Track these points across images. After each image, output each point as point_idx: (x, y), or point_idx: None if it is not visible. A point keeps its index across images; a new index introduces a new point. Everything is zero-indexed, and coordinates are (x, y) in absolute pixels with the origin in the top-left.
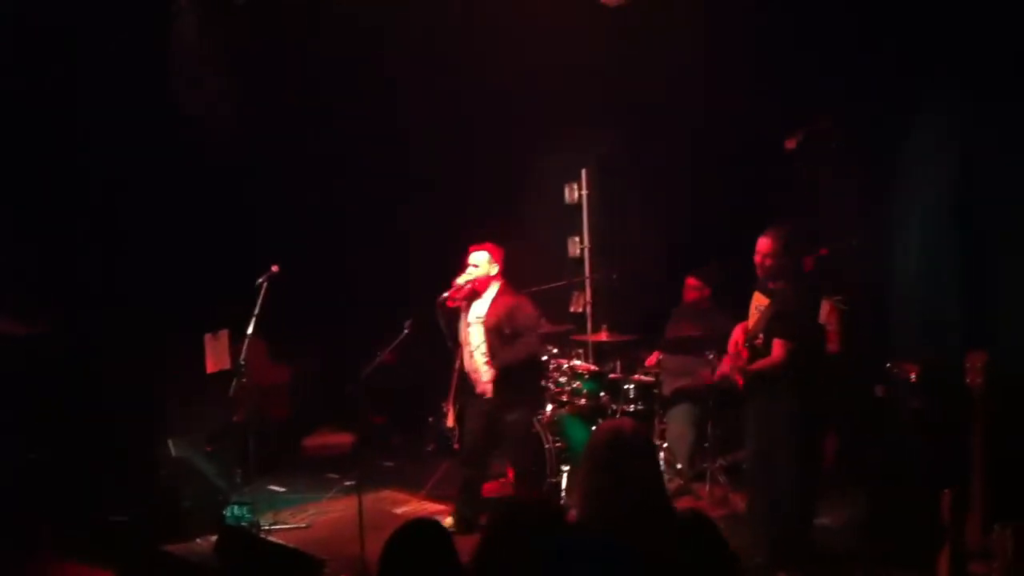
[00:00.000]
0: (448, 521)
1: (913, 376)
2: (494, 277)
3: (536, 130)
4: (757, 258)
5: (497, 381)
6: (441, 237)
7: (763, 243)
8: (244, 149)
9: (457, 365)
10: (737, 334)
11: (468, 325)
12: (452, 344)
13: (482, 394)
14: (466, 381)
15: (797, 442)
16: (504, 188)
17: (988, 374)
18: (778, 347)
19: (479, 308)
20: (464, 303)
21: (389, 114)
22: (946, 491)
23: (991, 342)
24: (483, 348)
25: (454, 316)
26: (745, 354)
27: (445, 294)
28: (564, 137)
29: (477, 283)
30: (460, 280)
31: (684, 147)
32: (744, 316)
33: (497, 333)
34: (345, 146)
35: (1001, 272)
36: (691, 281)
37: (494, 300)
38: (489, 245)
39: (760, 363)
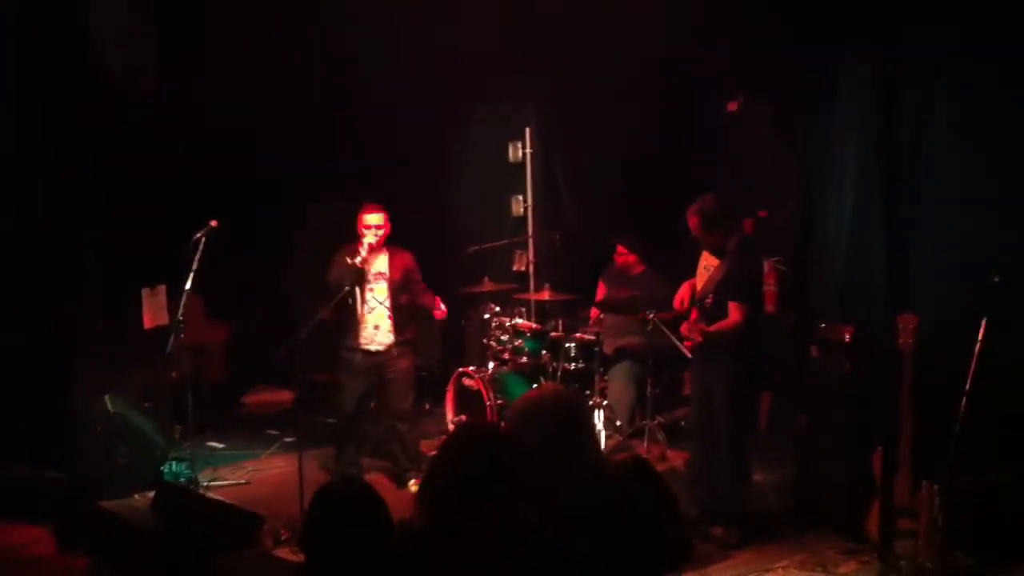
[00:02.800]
0: None
1: (847, 337)
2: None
3: (479, 89)
4: (693, 233)
5: (397, 334)
6: (379, 196)
7: (689, 221)
8: (185, 102)
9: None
10: (684, 292)
11: (367, 282)
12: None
13: (371, 348)
14: (356, 339)
15: (734, 401)
16: (447, 146)
17: (918, 336)
18: (735, 310)
19: (379, 264)
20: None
21: (332, 70)
22: (876, 450)
23: (919, 304)
24: (388, 302)
25: (359, 275)
26: (695, 314)
27: (363, 255)
28: (506, 96)
29: (380, 242)
30: (371, 240)
31: (625, 109)
32: (679, 277)
33: (399, 286)
34: (285, 101)
35: (927, 236)
36: (618, 247)
37: (392, 256)
38: (381, 206)
39: (719, 325)
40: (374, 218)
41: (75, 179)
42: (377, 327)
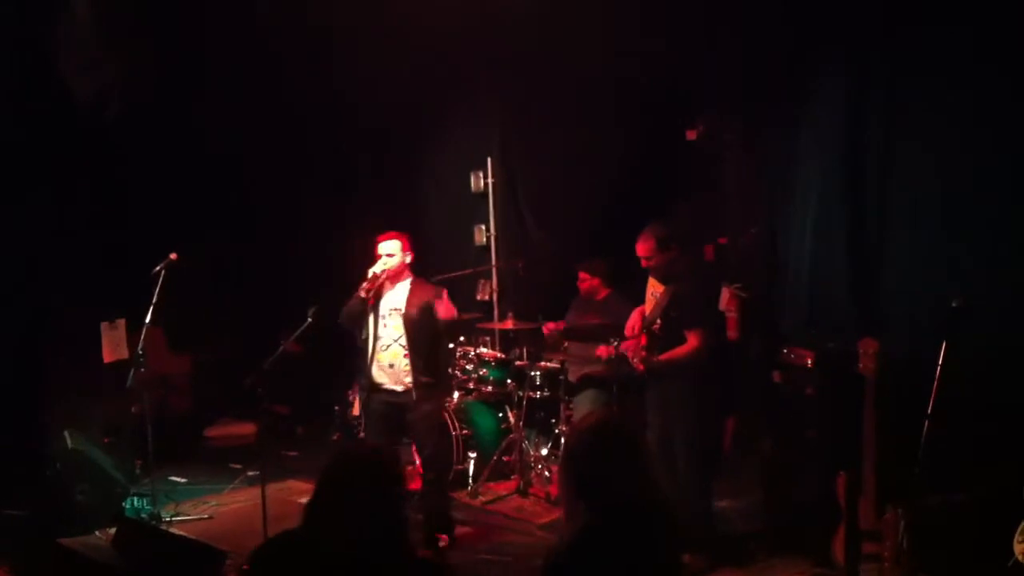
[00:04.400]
0: None
1: (809, 362)
2: (407, 266)
3: (441, 119)
4: (642, 263)
5: (416, 375)
6: (345, 226)
7: (640, 247)
8: (144, 135)
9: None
10: (635, 319)
11: (381, 318)
12: (361, 335)
13: (392, 388)
14: (372, 374)
15: (692, 427)
16: (408, 177)
17: (879, 360)
18: (692, 337)
19: (394, 299)
20: (372, 295)
21: (291, 101)
22: (840, 474)
23: (882, 329)
24: (403, 340)
25: (363, 308)
26: (644, 340)
27: (364, 285)
28: (469, 126)
29: (391, 273)
30: (376, 269)
31: (587, 136)
32: (642, 302)
33: (418, 324)
34: (246, 136)
35: (890, 261)
36: (580, 273)
37: (412, 290)
38: (397, 233)
39: (673, 352)
40: (384, 246)
41: (32, 214)
42: (392, 366)
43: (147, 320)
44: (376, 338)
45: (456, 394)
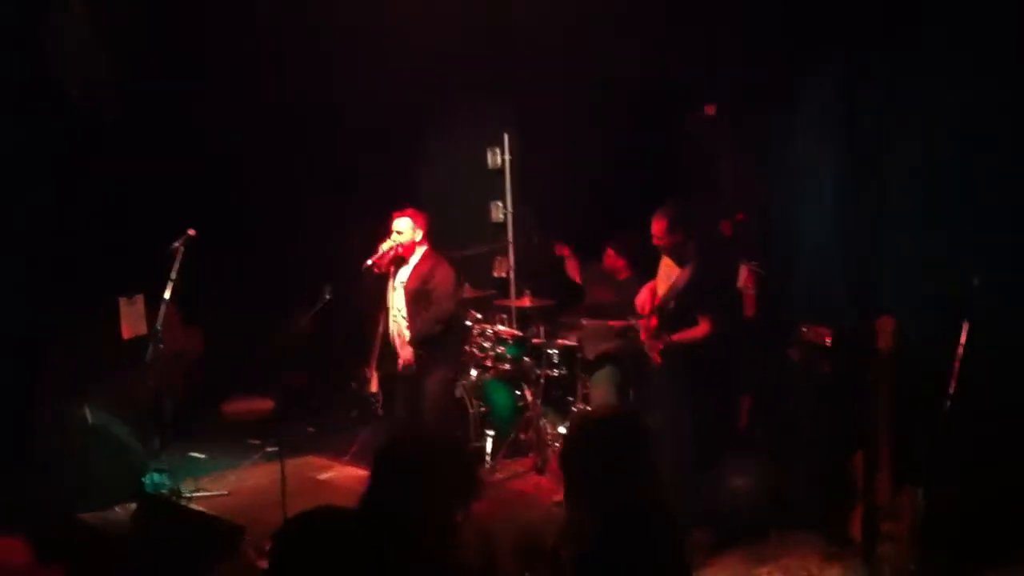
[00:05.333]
0: None
1: (827, 340)
2: (419, 242)
3: (458, 94)
4: (654, 240)
5: (416, 345)
6: (361, 201)
7: (654, 226)
8: (163, 111)
9: (380, 330)
10: (645, 295)
11: (393, 290)
12: (372, 309)
13: (404, 358)
14: (389, 346)
15: (689, 401)
16: (424, 153)
17: (896, 338)
18: (704, 322)
19: (403, 273)
20: (392, 268)
21: (312, 74)
22: (858, 452)
23: (898, 306)
24: (404, 312)
25: (380, 281)
26: (655, 321)
27: (370, 260)
28: (485, 101)
29: (403, 249)
30: (384, 246)
31: (604, 113)
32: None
33: (417, 297)
34: (263, 108)
35: (904, 238)
36: (608, 249)
37: (417, 265)
38: (411, 211)
39: (685, 334)
40: (396, 223)
41: (51, 190)
42: (400, 336)
43: (165, 296)
44: (389, 308)
45: (473, 372)
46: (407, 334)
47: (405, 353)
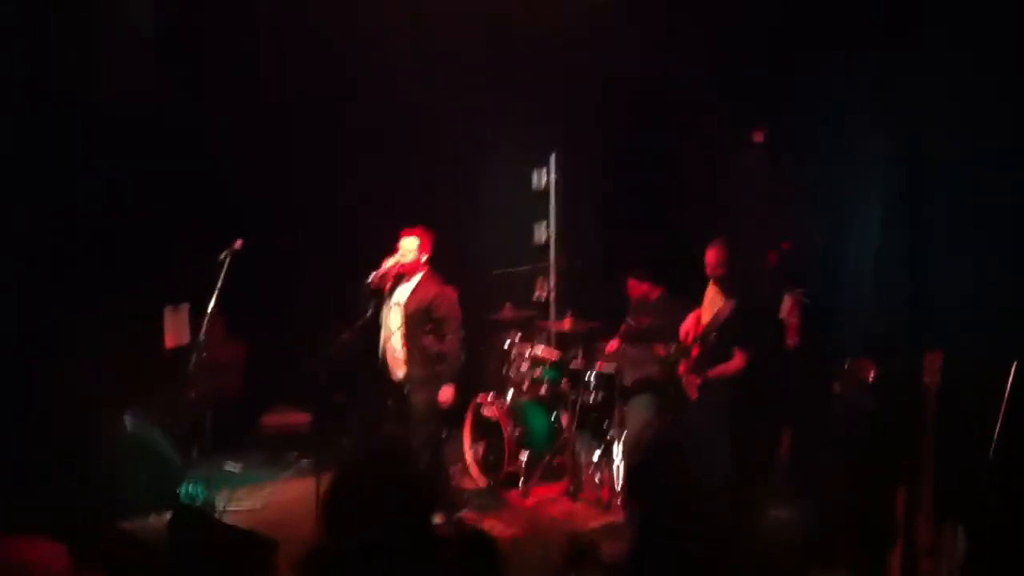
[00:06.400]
0: None
1: (871, 375)
2: (423, 263)
3: (504, 115)
4: (708, 270)
5: (411, 365)
6: (404, 219)
7: (709, 255)
8: (211, 124)
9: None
10: (690, 323)
11: (390, 308)
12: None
13: (394, 377)
14: (384, 364)
15: (733, 433)
16: (471, 172)
17: (944, 375)
18: (738, 355)
19: (402, 292)
20: (388, 286)
21: (357, 94)
22: (899, 489)
23: (944, 342)
24: (401, 332)
25: (377, 297)
26: (696, 351)
27: (373, 274)
28: (532, 123)
29: (405, 267)
30: (389, 262)
31: (650, 137)
32: (696, 305)
33: (415, 319)
34: (312, 123)
35: (952, 273)
36: (630, 281)
37: (417, 286)
38: (420, 230)
39: (720, 369)
40: (404, 241)
41: (100, 199)
42: (394, 355)
43: (210, 307)
44: (384, 327)
45: (510, 393)
46: (403, 353)
47: (400, 369)
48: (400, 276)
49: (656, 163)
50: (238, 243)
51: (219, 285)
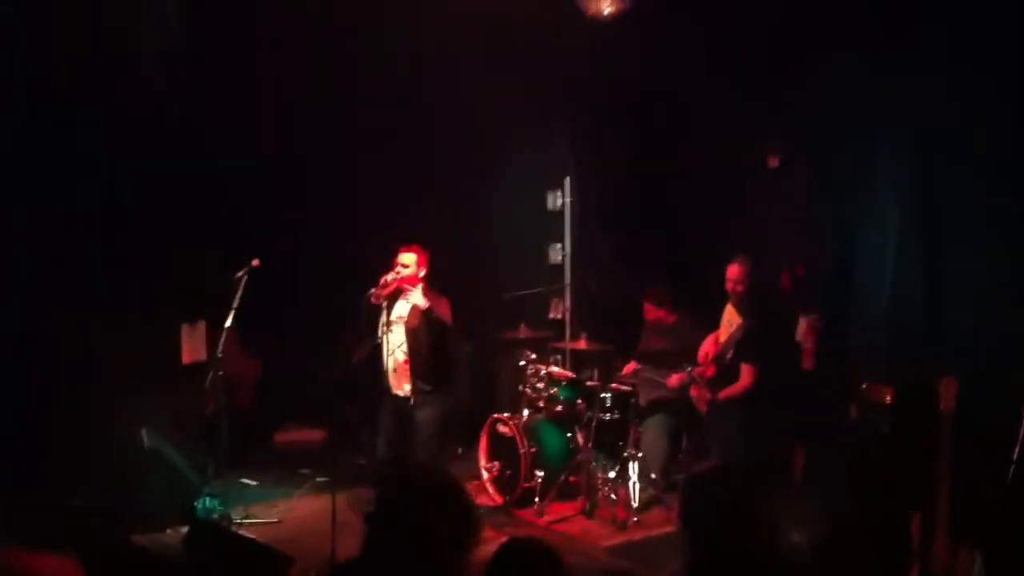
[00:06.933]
0: None
1: (887, 399)
2: (420, 279)
3: (519, 136)
4: (728, 285)
5: (415, 381)
6: (421, 241)
7: (732, 270)
8: (229, 144)
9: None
10: (708, 345)
11: (389, 324)
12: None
13: (396, 393)
14: (380, 379)
15: (747, 454)
16: (486, 193)
17: (960, 400)
18: (747, 373)
19: (401, 308)
20: (386, 301)
21: (372, 114)
22: (915, 514)
23: (960, 367)
24: (404, 347)
25: (375, 312)
26: (711, 370)
27: (372, 290)
28: (546, 144)
29: (403, 283)
30: (388, 277)
31: (664, 161)
32: (713, 327)
33: (417, 333)
34: (331, 146)
35: (968, 297)
36: (646, 304)
37: (416, 301)
38: (417, 247)
39: (729, 390)
40: (402, 257)
41: (120, 218)
42: (396, 371)
43: (227, 324)
44: (385, 343)
45: (525, 411)
46: (406, 368)
47: (404, 385)
48: (398, 292)
49: (671, 187)
50: (255, 261)
51: (236, 303)
